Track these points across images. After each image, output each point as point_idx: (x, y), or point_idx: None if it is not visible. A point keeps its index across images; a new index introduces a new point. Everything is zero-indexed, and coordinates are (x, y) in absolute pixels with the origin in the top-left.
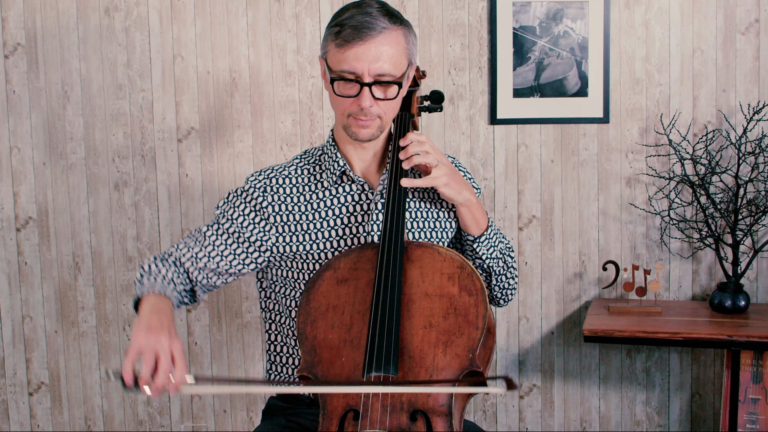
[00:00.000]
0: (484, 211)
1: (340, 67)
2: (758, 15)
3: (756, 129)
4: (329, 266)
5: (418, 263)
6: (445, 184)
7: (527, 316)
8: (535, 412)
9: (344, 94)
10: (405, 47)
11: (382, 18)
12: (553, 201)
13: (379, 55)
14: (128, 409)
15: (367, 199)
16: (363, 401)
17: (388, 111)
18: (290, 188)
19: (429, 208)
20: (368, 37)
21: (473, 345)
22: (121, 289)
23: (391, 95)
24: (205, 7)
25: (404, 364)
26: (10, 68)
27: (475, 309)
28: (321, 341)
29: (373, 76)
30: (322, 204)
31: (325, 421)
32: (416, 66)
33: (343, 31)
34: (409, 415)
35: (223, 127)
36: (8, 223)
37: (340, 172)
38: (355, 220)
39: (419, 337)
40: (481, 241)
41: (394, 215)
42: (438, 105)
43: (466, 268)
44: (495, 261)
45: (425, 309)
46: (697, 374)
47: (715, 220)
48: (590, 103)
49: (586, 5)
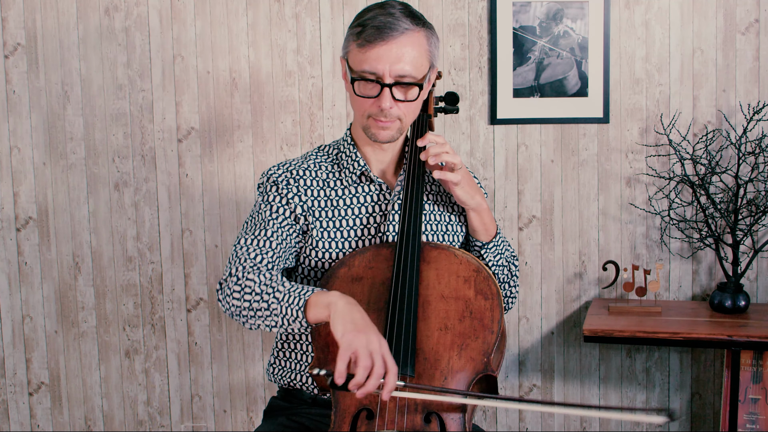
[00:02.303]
0: (493, 218)
1: (361, 67)
2: (758, 15)
3: (756, 129)
4: (344, 263)
5: (435, 265)
6: (462, 186)
7: (527, 316)
8: (535, 413)
9: (365, 95)
10: (427, 49)
11: (404, 19)
12: (553, 201)
13: (401, 56)
14: (128, 409)
15: (385, 200)
16: (377, 400)
17: (408, 113)
18: (311, 181)
19: (442, 211)
20: (390, 38)
21: (488, 349)
22: (121, 289)
23: (412, 97)
24: (205, 7)
25: (419, 365)
26: (10, 68)
27: (491, 313)
28: (334, 338)
29: (394, 77)
30: (341, 202)
31: (338, 420)
32: (437, 69)
33: (365, 31)
34: (424, 417)
35: (223, 127)
36: (8, 223)
37: (359, 173)
38: (374, 220)
39: (434, 339)
40: (489, 247)
41: (412, 216)
42: (454, 106)
43: (482, 272)
44: (501, 268)
45: (441, 311)
46: (697, 374)
47: (715, 220)
48: (590, 103)
49: (586, 5)
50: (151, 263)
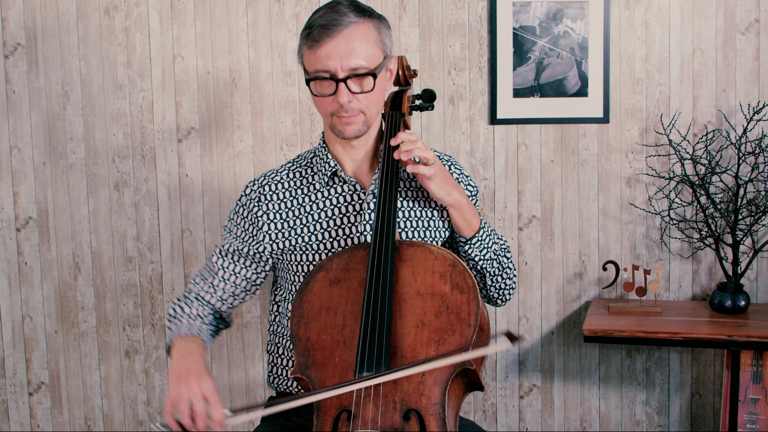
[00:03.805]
0: (476, 213)
1: (314, 67)
2: (758, 15)
3: (756, 129)
4: (322, 267)
5: (410, 262)
6: (436, 182)
7: (527, 316)
8: (535, 412)
9: (322, 94)
10: (377, 39)
11: (349, 13)
12: (553, 201)
13: (350, 49)
14: (128, 409)
15: (359, 199)
16: (355, 401)
17: (369, 105)
18: (282, 193)
19: (422, 208)
20: (336, 33)
21: (466, 343)
22: (121, 289)
23: (368, 87)
24: (205, 7)
25: (396, 363)
26: (10, 68)
27: (467, 306)
28: (314, 342)
29: (347, 70)
30: (314, 206)
31: (319, 422)
32: (400, 60)
33: (313, 31)
34: (402, 415)
35: (223, 127)
36: (8, 223)
37: (331, 173)
38: (348, 220)
39: (411, 337)
40: (472, 243)
41: (386, 215)
42: (429, 104)
43: (457, 266)
44: (489, 262)
45: (417, 308)
46: (697, 374)
47: (715, 220)
48: (590, 103)
49: (586, 5)
50: (151, 263)
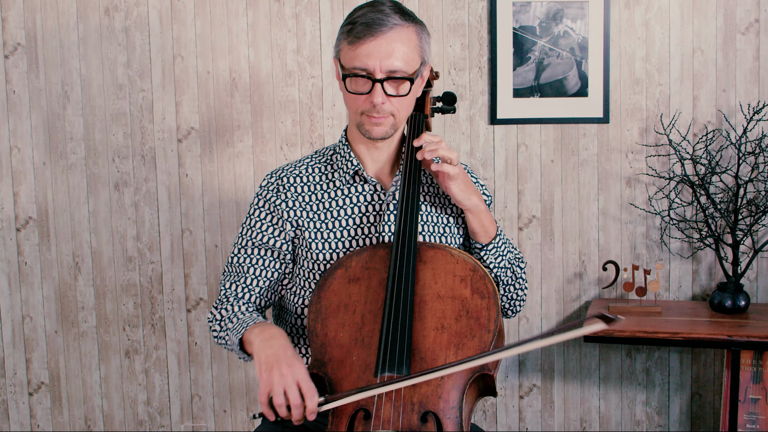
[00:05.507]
0: (494, 220)
1: (352, 64)
2: (758, 15)
3: (756, 129)
4: (341, 264)
5: (431, 264)
6: (458, 183)
7: (527, 316)
8: (535, 412)
9: (356, 91)
10: (417, 44)
11: (394, 15)
12: (553, 201)
13: (391, 51)
14: (128, 409)
15: (379, 199)
16: (374, 401)
17: (401, 109)
18: (301, 187)
19: (439, 213)
20: (380, 33)
21: (485, 348)
22: (121, 289)
23: (403, 92)
24: (205, 7)
25: (415, 365)
26: (10, 68)
27: (487, 312)
28: (331, 339)
29: (385, 72)
30: (334, 203)
31: (335, 420)
32: (430, 66)
33: (355, 28)
34: (420, 417)
35: (223, 127)
36: (8, 223)
37: (353, 172)
38: (368, 220)
39: (431, 339)
40: (488, 249)
41: (407, 216)
42: (451, 106)
43: (478, 271)
44: (503, 270)
45: (437, 311)
46: (697, 374)
47: (715, 220)
48: (590, 103)
49: (586, 5)
50: (151, 263)
